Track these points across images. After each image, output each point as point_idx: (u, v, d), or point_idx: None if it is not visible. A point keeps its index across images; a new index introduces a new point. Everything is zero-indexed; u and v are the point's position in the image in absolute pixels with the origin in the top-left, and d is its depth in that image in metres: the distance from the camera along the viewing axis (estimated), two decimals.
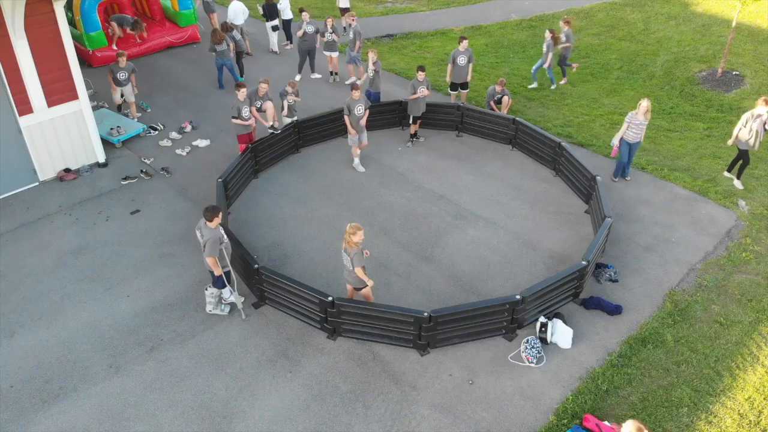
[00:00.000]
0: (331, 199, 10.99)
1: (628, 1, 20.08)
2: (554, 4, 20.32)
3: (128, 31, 16.01)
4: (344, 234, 7.67)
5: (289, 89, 11.85)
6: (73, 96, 11.08)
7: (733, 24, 15.06)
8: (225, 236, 8.07)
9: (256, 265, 8.18)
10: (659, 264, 9.55)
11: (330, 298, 7.65)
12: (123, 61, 12.85)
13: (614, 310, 8.56)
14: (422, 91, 12.09)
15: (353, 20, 14.69)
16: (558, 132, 13.07)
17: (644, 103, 10.77)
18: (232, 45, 14.80)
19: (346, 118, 11.32)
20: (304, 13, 14.50)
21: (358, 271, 7.69)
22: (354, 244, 7.56)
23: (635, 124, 10.79)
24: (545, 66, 14.76)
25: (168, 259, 9.49)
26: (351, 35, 14.67)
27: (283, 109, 12.11)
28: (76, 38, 16.21)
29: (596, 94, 14.98)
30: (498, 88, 13.00)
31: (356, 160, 11.78)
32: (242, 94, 10.84)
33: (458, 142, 12.87)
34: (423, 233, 10.10)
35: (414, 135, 12.73)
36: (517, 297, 7.69)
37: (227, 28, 14.87)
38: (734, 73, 15.69)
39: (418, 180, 11.55)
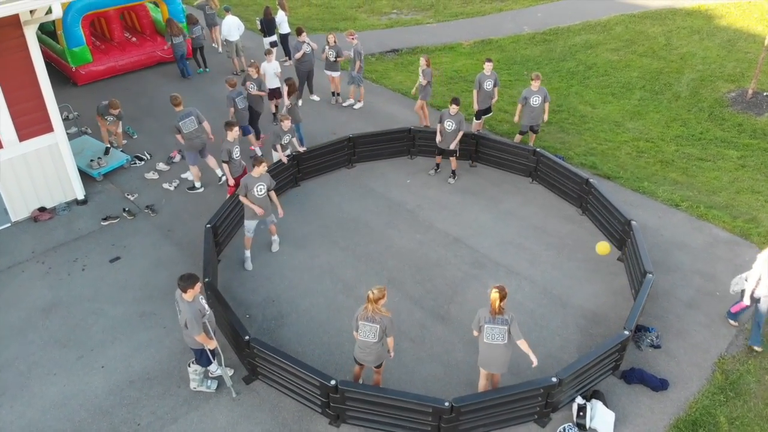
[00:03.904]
0: (333, 242, 9.89)
1: (648, 14, 18.99)
2: (568, 17, 19.22)
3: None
4: (347, 285, 6.63)
5: (284, 126, 10.59)
6: (48, 128, 9.98)
7: (766, 42, 13.95)
8: (206, 307, 6.94)
9: (246, 337, 7.08)
10: (704, 324, 8.45)
11: (333, 382, 6.54)
12: (114, 111, 11.64)
13: (659, 385, 7.45)
14: (446, 126, 10.83)
15: (353, 38, 13.60)
16: (581, 161, 11.98)
17: None
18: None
19: (242, 199, 8.95)
20: (302, 34, 13.38)
21: (392, 342, 6.69)
22: (384, 312, 6.46)
23: None
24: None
25: (148, 320, 8.39)
26: (351, 54, 13.59)
27: (277, 148, 10.79)
28: (58, 54, 15.18)
29: (619, 117, 13.89)
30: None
31: (247, 253, 9.33)
32: (232, 134, 9.71)
33: (472, 173, 11.77)
34: (437, 285, 9.00)
35: (439, 165, 11.66)
36: (553, 380, 6.59)
37: (192, 21, 15.02)
38: (765, 94, 14.58)
39: (429, 219, 10.45)
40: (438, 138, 11.04)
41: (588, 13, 19.31)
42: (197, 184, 11.05)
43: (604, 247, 8.42)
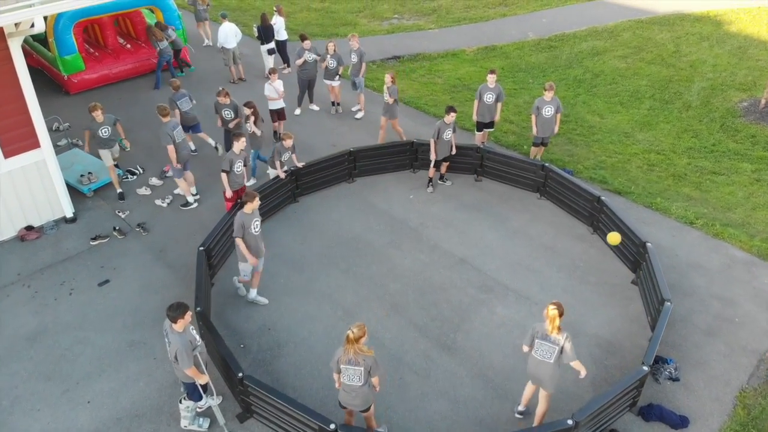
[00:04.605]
0: (332, 264, 9.45)
1: (655, 20, 18.53)
2: (574, 22, 18.77)
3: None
4: (347, 311, 6.26)
5: (286, 143, 10.13)
6: (34, 144, 9.54)
7: None
8: (197, 338, 6.51)
9: (240, 374, 6.64)
10: (724, 354, 8.01)
11: (332, 426, 6.10)
12: (100, 115, 10.23)
13: (679, 423, 7.01)
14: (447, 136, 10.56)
15: (357, 42, 13.22)
16: (590, 176, 11.55)
17: None
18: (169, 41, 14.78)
19: (238, 241, 7.98)
20: (305, 41, 12.93)
21: (377, 380, 6.19)
22: (367, 351, 6.01)
23: None
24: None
25: (138, 349, 7.94)
26: (355, 58, 13.18)
27: (276, 165, 10.29)
28: (50, 62, 14.74)
29: (628, 128, 13.45)
30: None
31: (253, 293, 8.61)
32: (239, 145, 9.28)
33: (477, 188, 11.33)
34: (443, 312, 8.55)
35: (432, 179, 11.21)
36: (569, 422, 6.15)
37: (163, 27, 14.62)
38: None
39: (433, 238, 10.01)
40: (433, 156, 10.67)
41: (594, 18, 18.86)
42: (190, 200, 10.62)
43: (615, 237, 8.30)
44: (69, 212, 10.24)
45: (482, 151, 11.30)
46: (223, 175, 9.44)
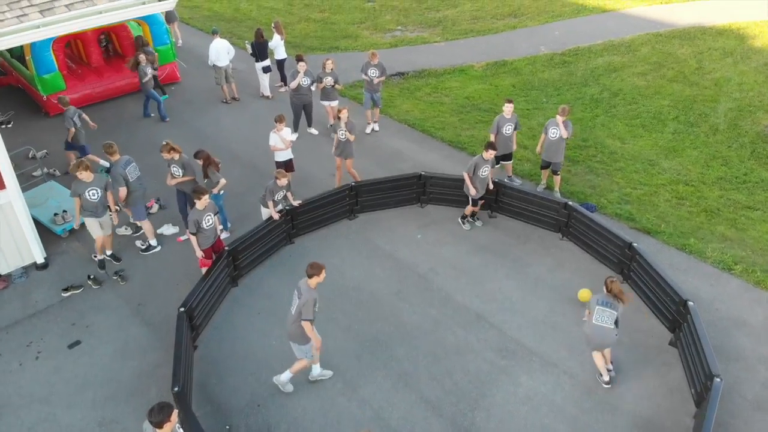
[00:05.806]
0: (331, 320, 8.41)
1: (675, 33, 17.46)
2: (588, 35, 17.70)
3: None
4: (348, 383, 5.69)
5: (280, 182, 9.15)
6: None
7: None
8: None
9: None
10: None
11: None
12: (88, 174, 8.48)
13: None
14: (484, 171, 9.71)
15: (377, 58, 12.56)
16: (615, 212, 10.53)
17: None
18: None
19: (309, 325, 6.85)
20: (300, 63, 11.89)
21: None
22: None
23: None
24: None
25: (109, 431, 6.90)
26: (376, 73, 12.48)
27: (269, 205, 9.33)
28: (29, 81, 13.71)
29: (652, 154, 12.41)
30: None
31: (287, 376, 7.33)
32: (201, 203, 8.18)
33: (492, 226, 10.31)
34: (458, 383, 7.51)
35: (472, 216, 10.25)
36: None
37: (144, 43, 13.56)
38: None
39: (445, 287, 8.99)
40: (473, 191, 9.73)
41: (609, 31, 17.79)
42: (153, 243, 9.63)
43: (585, 294, 8.52)
44: (40, 258, 9.22)
45: (497, 184, 10.28)
46: (192, 238, 8.33)
